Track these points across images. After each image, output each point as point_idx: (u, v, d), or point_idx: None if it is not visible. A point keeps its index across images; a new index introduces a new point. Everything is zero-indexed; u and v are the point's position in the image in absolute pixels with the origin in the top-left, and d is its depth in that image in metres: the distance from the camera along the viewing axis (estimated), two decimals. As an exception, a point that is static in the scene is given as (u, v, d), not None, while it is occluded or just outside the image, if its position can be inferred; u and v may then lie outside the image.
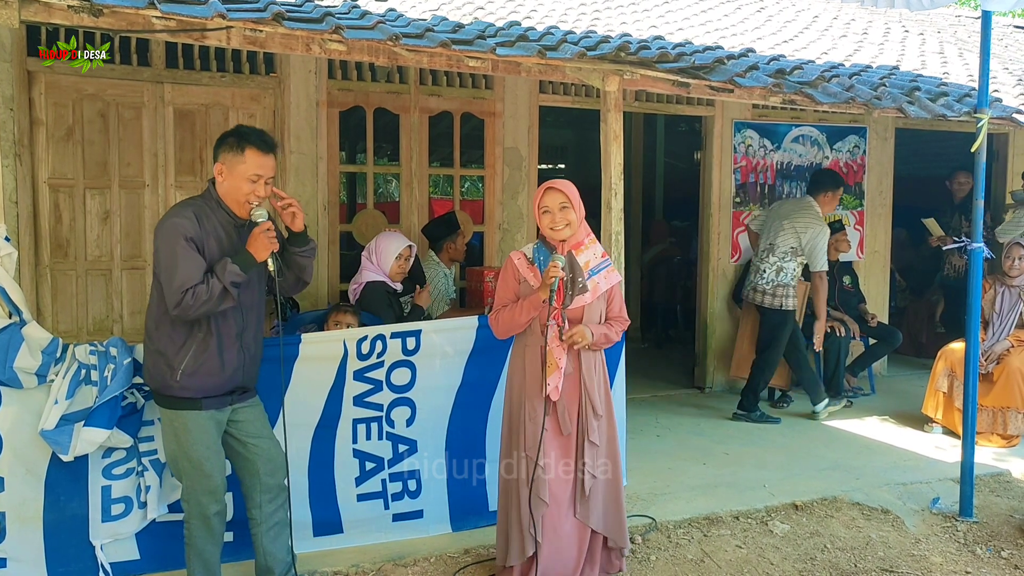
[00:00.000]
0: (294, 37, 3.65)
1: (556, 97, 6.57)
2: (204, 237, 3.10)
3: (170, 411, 3.21)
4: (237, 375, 3.25)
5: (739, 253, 7.36)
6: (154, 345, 3.20)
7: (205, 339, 3.14)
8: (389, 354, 4.10)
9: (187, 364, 3.12)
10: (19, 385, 3.38)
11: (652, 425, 6.23)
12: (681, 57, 3.98)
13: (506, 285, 3.64)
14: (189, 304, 3.01)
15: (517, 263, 3.62)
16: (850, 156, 7.70)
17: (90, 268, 5.43)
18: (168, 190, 5.55)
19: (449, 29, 3.83)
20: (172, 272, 3.02)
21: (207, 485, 3.24)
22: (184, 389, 3.14)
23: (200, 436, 3.20)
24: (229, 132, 3.23)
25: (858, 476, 5.17)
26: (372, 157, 6.32)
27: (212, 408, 3.21)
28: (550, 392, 3.53)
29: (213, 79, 5.58)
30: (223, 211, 3.20)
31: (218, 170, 3.18)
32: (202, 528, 3.27)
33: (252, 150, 3.15)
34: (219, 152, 3.19)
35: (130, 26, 3.49)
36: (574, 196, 3.54)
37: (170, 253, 3.03)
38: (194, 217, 3.10)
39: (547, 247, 3.58)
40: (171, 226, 3.06)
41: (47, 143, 5.22)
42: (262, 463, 3.37)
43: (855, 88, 4.31)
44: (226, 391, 3.24)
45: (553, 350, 3.53)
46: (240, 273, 3.09)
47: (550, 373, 3.53)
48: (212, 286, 3.03)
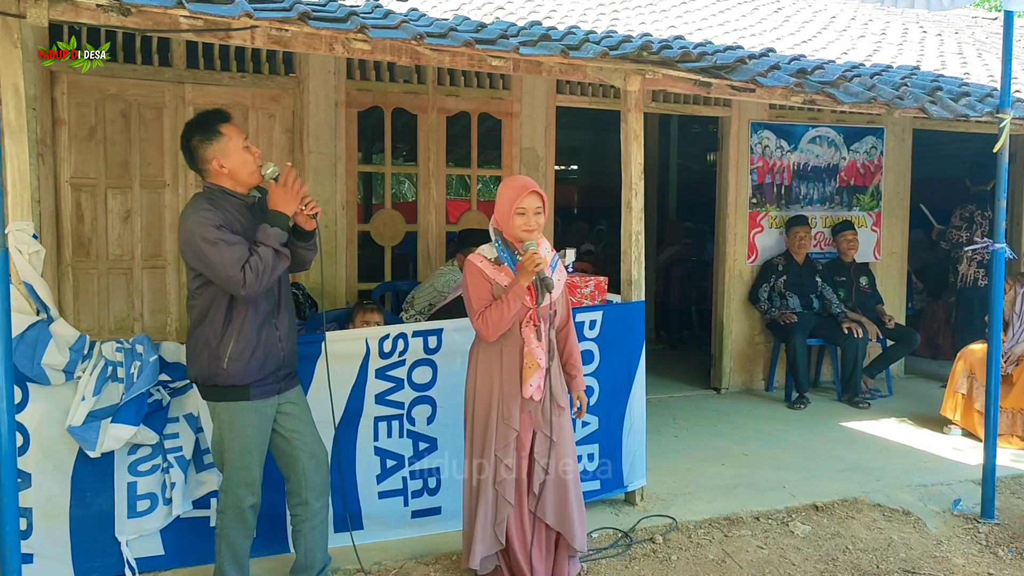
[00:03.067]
0: (318, 36, 3.68)
1: (573, 97, 6.59)
2: (229, 222, 3.14)
3: (218, 403, 3.24)
4: (276, 353, 3.28)
5: (756, 254, 7.35)
6: (198, 339, 3.22)
7: (243, 323, 3.18)
8: (411, 353, 4.11)
9: (232, 350, 3.16)
10: (47, 382, 3.40)
11: (669, 426, 6.23)
12: (703, 57, 3.99)
13: (479, 288, 3.53)
14: (252, 279, 3.04)
15: (481, 266, 3.54)
16: (867, 157, 7.69)
17: (111, 267, 5.47)
18: (188, 189, 5.58)
19: (471, 28, 3.84)
20: (219, 259, 3.04)
21: (246, 477, 3.27)
22: (232, 376, 3.17)
23: (245, 427, 3.23)
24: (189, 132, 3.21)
25: (878, 477, 5.16)
26: (390, 157, 6.35)
27: (259, 398, 3.24)
28: (532, 393, 3.50)
29: (233, 79, 5.62)
30: (231, 197, 3.23)
31: (216, 165, 3.18)
32: (236, 520, 3.30)
33: (224, 125, 3.19)
34: (201, 154, 3.18)
35: (156, 26, 3.51)
36: (546, 201, 3.55)
37: (208, 244, 3.05)
38: (211, 206, 3.14)
39: (508, 247, 3.54)
40: (196, 222, 3.08)
41: (69, 143, 5.27)
42: (306, 458, 3.40)
43: (877, 88, 4.31)
44: (271, 370, 3.26)
45: (534, 350, 3.50)
46: (282, 232, 3.13)
47: (530, 374, 3.49)
48: (263, 254, 3.07)
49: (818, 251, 7.51)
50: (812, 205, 7.51)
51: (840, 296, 7.22)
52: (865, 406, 6.81)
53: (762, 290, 7.18)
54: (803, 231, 7.15)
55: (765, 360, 7.48)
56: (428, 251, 6.30)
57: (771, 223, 7.37)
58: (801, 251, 7.16)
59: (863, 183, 7.70)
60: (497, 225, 3.55)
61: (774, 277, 7.17)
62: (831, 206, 7.59)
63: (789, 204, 7.42)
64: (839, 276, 7.33)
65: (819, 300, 7.18)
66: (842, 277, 7.34)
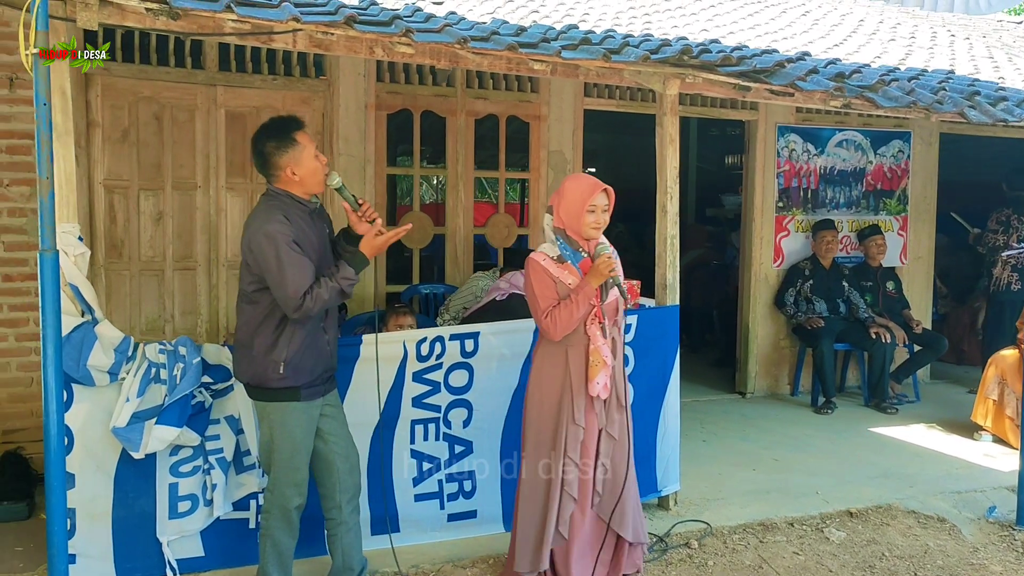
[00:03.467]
0: (359, 40, 3.68)
1: (601, 101, 6.59)
2: (301, 236, 3.17)
3: (269, 403, 3.26)
4: (324, 356, 3.34)
5: (782, 258, 7.34)
6: (252, 343, 3.24)
7: (295, 332, 3.21)
8: (448, 356, 4.12)
9: (287, 356, 3.20)
10: (91, 383, 3.43)
11: (697, 430, 6.21)
12: (743, 61, 3.98)
13: (544, 287, 3.54)
14: (309, 307, 3.10)
15: (545, 264, 3.55)
16: (894, 161, 7.66)
17: (143, 268, 5.50)
18: (219, 191, 5.61)
19: (512, 32, 3.85)
20: (284, 279, 3.08)
21: (294, 478, 3.30)
22: (285, 379, 3.21)
23: (295, 429, 3.26)
24: (263, 137, 3.25)
25: (911, 484, 5.14)
26: (419, 160, 6.36)
27: (308, 399, 3.28)
28: (599, 391, 3.52)
29: (265, 82, 5.64)
30: (297, 203, 3.26)
31: (290, 172, 3.22)
32: (282, 520, 3.32)
33: (299, 134, 3.24)
34: (275, 160, 3.21)
35: (200, 29, 3.54)
36: (613, 198, 3.57)
37: (278, 261, 3.08)
38: (285, 219, 3.15)
39: (570, 244, 3.55)
40: (271, 233, 3.10)
41: (103, 144, 5.30)
42: (341, 461, 3.42)
43: (916, 92, 4.30)
44: (320, 372, 3.32)
45: (600, 348, 3.52)
46: (355, 277, 3.21)
47: (597, 372, 3.51)
48: (329, 289, 3.14)
49: (844, 255, 7.48)
50: (838, 209, 7.49)
51: (867, 301, 7.19)
52: (893, 411, 6.78)
53: (788, 294, 7.16)
54: (830, 235, 7.13)
55: (790, 364, 7.46)
56: (456, 254, 6.31)
57: (797, 227, 7.35)
58: (828, 255, 7.14)
59: (890, 187, 7.67)
60: (559, 223, 3.55)
61: (800, 281, 7.14)
62: (857, 210, 7.57)
63: (815, 208, 7.40)
64: (865, 280, 7.30)
65: (846, 304, 7.16)
66: (868, 281, 7.31)
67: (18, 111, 5.03)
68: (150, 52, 5.35)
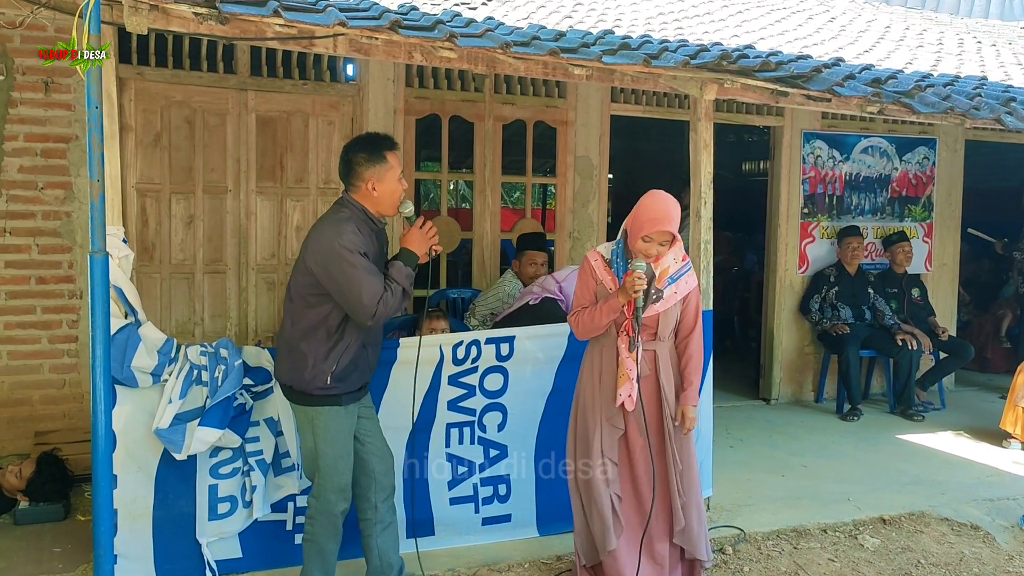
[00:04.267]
0: (399, 45, 3.70)
1: (627, 106, 6.61)
2: (369, 248, 3.22)
3: (311, 408, 3.28)
4: (366, 372, 3.40)
5: (807, 264, 7.33)
6: (302, 351, 3.25)
7: (350, 344, 3.24)
8: (483, 360, 4.13)
9: (338, 368, 3.23)
10: (135, 384, 3.45)
11: (723, 436, 6.19)
12: (780, 66, 3.99)
13: (584, 286, 3.63)
14: (382, 313, 3.14)
15: (594, 264, 3.61)
16: (919, 168, 7.65)
17: (174, 271, 5.54)
18: (249, 195, 5.65)
19: (551, 37, 3.87)
20: (359, 288, 3.11)
21: (338, 483, 3.32)
22: (333, 388, 3.24)
23: (337, 433, 3.29)
24: (356, 147, 3.31)
25: (943, 491, 5.12)
26: (447, 164, 6.39)
27: (348, 403, 3.31)
28: (624, 403, 3.53)
29: (295, 87, 5.68)
30: (368, 219, 3.31)
31: (370, 187, 3.26)
32: (327, 525, 3.34)
33: (390, 153, 3.29)
34: (361, 171, 3.26)
35: (243, 34, 3.56)
36: (677, 229, 3.49)
37: (351, 269, 3.12)
38: (357, 231, 3.20)
39: (627, 252, 3.56)
40: (345, 243, 3.14)
41: (136, 148, 5.34)
42: (376, 462, 3.45)
43: (952, 98, 4.29)
44: (359, 386, 3.37)
45: (624, 361, 3.52)
46: (412, 273, 3.26)
47: (621, 384, 3.53)
48: (395, 291, 3.18)
49: (869, 262, 7.46)
50: (863, 215, 7.48)
51: (892, 307, 7.17)
52: (919, 419, 6.76)
53: (813, 301, 7.15)
54: (855, 241, 7.12)
55: (815, 371, 7.45)
56: (483, 258, 6.33)
57: (822, 233, 7.34)
58: (853, 262, 7.13)
59: (915, 194, 7.66)
60: (628, 227, 3.54)
61: (825, 288, 7.14)
62: (882, 217, 7.56)
63: (841, 214, 7.39)
64: (891, 287, 7.29)
65: (871, 311, 7.14)
66: (894, 288, 7.30)
67: (53, 115, 5.09)
68: (183, 57, 5.39)
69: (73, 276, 5.17)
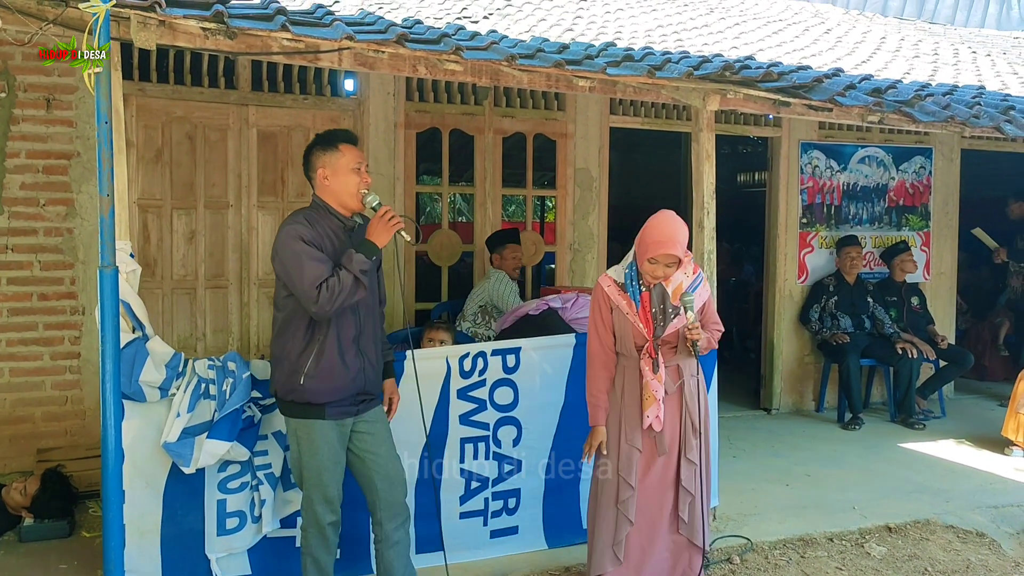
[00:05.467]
0: (403, 58, 3.74)
1: (627, 118, 6.65)
2: (319, 239, 3.20)
3: (295, 420, 3.28)
4: (359, 379, 3.30)
5: (806, 274, 7.36)
6: (279, 351, 3.28)
7: (324, 342, 3.22)
8: (490, 372, 4.14)
9: (310, 367, 3.20)
10: (143, 399, 3.45)
11: (726, 446, 6.20)
12: (783, 76, 4.03)
13: (598, 314, 3.60)
14: (325, 298, 3.09)
15: (607, 289, 3.58)
16: (916, 177, 7.71)
17: (176, 287, 5.54)
18: (251, 210, 5.66)
19: (555, 50, 3.90)
20: (300, 272, 3.11)
21: (324, 495, 3.29)
22: (308, 392, 3.20)
23: (321, 446, 3.25)
24: (314, 143, 3.34)
25: (947, 499, 5.14)
26: (447, 178, 6.41)
27: (335, 418, 3.26)
28: (652, 423, 3.53)
29: (296, 101, 5.70)
30: (332, 216, 3.29)
31: (321, 176, 3.27)
32: (318, 537, 3.33)
33: (344, 144, 3.30)
34: (314, 160, 3.30)
35: (249, 48, 3.58)
36: (683, 251, 3.46)
37: (293, 256, 3.13)
38: (306, 222, 3.21)
39: (640, 276, 3.54)
40: (287, 232, 3.17)
41: (137, 164, 5.34)
42: (379, 479, 3.40)
43: (952, 107, 4.34)
44: (349, 395, 3.29)
45: (650, 383, 3.51)
46: (366, 260, 3.17)
47: (648, 406, 3.53)
48: (343, 277, 3.12)
49: (868, 271, 7.50)
50: (861, 225, 7.53)
51: (892, 316, 7.21)
52: (920, 427, 6.78)
53: (813, 310, 7.18)
54: (855, 251, 7.16)
55: (815, 380, 7.47)
56: (484, 271, 6.33)
57: (821, 243, 7.39)
58: (852, 271, 7.17)
59: (912, 203, 7.72)
60: (636, 247, 3.54)
61: (825, 297, 7.17)
62: (880, 226, 7.61)
63: (839, 224, 7.44)
64: (890, 296, 7.33)
65: (871, 320, 7.17)
66: (893, 297, 7.33)
67: (55, 131, 5.10)
68: (184, 72, 5.42)
69: (75, 292, 5.16)
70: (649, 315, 3.51)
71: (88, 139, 5.09)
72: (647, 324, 3.49)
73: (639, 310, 3.51)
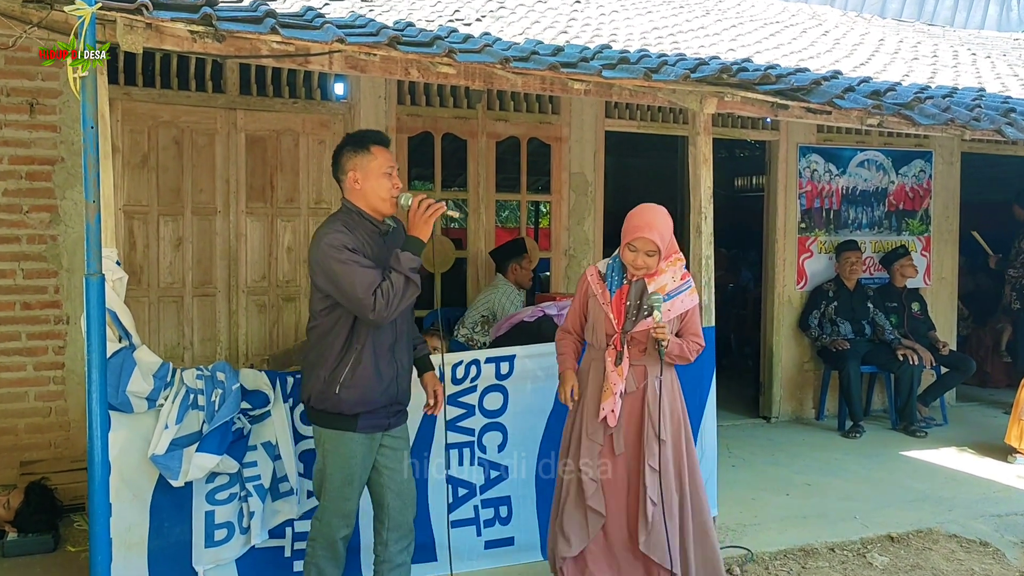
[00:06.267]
0: (395, 61, 3.74)
1: (622, 122, 6.68)
2: (360, 246, 3.18)
3: (325, 429, 3.27)
4: (391, 388, 3.30)
5: (805, 280, 7.39)
6: (315, 359, 3.26)
7: (361, 351, 3.21)
8: (483, 378, 4.16)
9: (346, 376, 3.19)
10: (130, 409, 3.44)
11: (724, 455, 6.18)
12: (780, 79, 4.05)
13: (578, 303, 3.74)
14: (382, 304, 3.06)
15: (590, 278, 3.70)
16: (915, 181, 7.75)
17: (162, 295, 5.53)
18: (239, 216, 5.66)
19: (549, 52, 3.92)
20: (352, 282, 3.07)
21: (343, 508, 3.29)
22: (342, 403, 3.20)
23: (349, 459, 3.25)
24: (343, 143, 3.32)
25: (950, 508, 5.16)
26: (440, 183, 6.42)
27: (366, 430, 3.26)
28: (606, 416, 3.57)
29: (285, 105, 5.71)
30: (365, 221, 3.27)
31: (352, 179, 3.24)
32: (327, 549, 3.32)
33: (376, 147, 3.27)
34: (344, 162, 3.27)
35: (237, 51, 3.58)
36: (664, 241, 3.52)
37: (342, 266, 3.09)
38: (345, 229, 3.18)
39: (623, 269, 3.61)
40: (329, 243, 3.12)
41: (123, 170, 5.33)
42: (391, 496, 3.39)
43: (952, 109, 4.37)
44: (383, 405, 3.29)
45: (609, 375, 3.57)
46: (414, 258, 3.15)
47: (605, 398, 3.58)
48: (394, 280, 3.10)
49: (868, 276, 7.54)
50: (861, 230, 7.57)
51: (892, 322, 7.24)
52: (922, 435, 6.80)
53: (812, 316, 7.21)
54: (854, 256, 7.19)
55: (815, 388, 7.49)
56: (478, 277, 6.36)
57: (820, 248, 7.42)
58: (852, 276, 7.20)
59: (912, 207, 7.76)
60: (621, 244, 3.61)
61: (824, 303, 7.20)
62: (880, 231, 7.64)
63: (838, 229, 7.48)
64: (890, 302, 7.36)
65: (871, 326, 7.20)
66: (893, 303, 7.37)
67: (38, 137, 5.10)
68: (170, 76, 5.42)
69: (59, 301, 5.15)
70: (623, 307, 3.58)
71: (72, 144, 5.09)
72: (618, 315, 3.56)
73: (612, 300, 3.57)
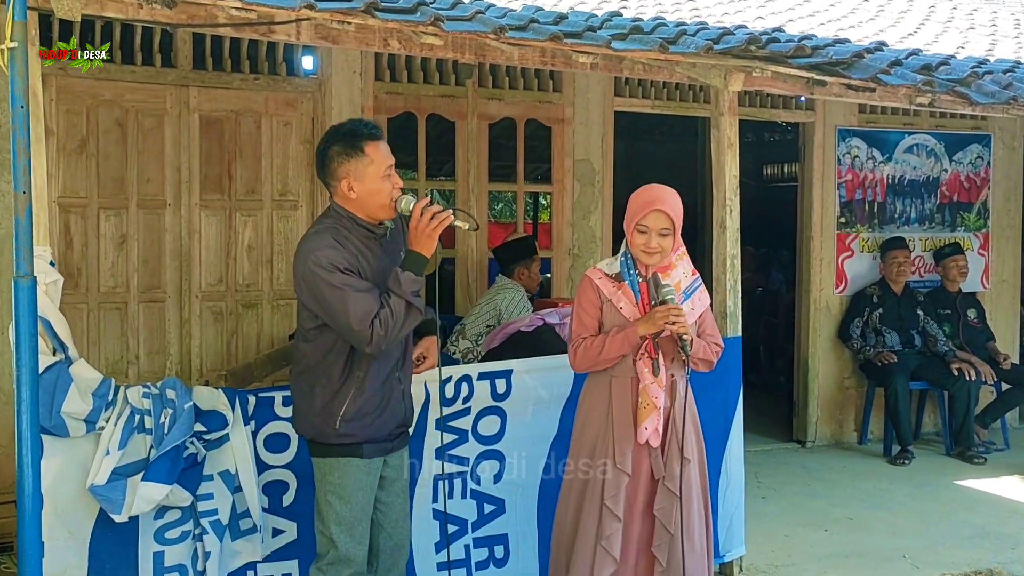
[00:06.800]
0: (372, 30, 3.76)
1: (634, 101, 6.70)
2: (354, 261, 3.13)
3: (325, 460, 3.24)
4: (398, 411, 3.32)
5: (845, 283, 7.41)
6: (307, 388, 3.25)
7: (365, 378, 3.19)
8: (476, 399, 4.15)
9: (346, 410, 3.17)
10: (65, 433, 3.43)
11: (753, 485, 6.21)
12: (816, 51, 4.07)
13: (586, 311, 3.62)
14: (380, 335, 3.04)
15: (599, 283, 3.61)
16: (972, 169, 7.77)
17: (103, 301, 5.52)
18: (192, 210, 5.65)
19: (551, 20, 3.92)
20: (345, 311, 3.04)
21: (352, 554, 3.25)
22: (343, 436, 3.19)
23: (355, 492, 3.23)
24: (329, 141, 3.25)
25: (1012, 545, 5.18)
26: (424, 171, 6.42)
27: (371, 455, 3.25)
28: (648, 437, 3.53)
29: (245, 81, 5.71)
30: (359, 227, 3.23)
31: (346, 187, 3.18)
32: None
33: (370, 145, 3.19)
34: (335, 168, 3.20)
35: (190, 19, 3.60)
36: (678, 218, 3.54)
37: (333, 291, 3.05)
38: (336, 243, 3.13)
39: (636, 263, 3.59)
40: (317, 261, 3.07)
41: (58, 156, 5.31)
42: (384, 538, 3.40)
43: (1014, 86, 4.39)
44: (388, 431, 3.30)
45: (648, 387, 3.52)
46: (416, 279, 3.12)
47: (646, 416, 3.52)
48: (394, 305, 3.07)
49: (917, 279, 7.56)
50: (909, 225, 7.59)
51: (945, 332, 7.26)
52: (980, 461, 6.83)
53: (854, 325, 7.23)
54: (902, 255, 7.21)
55: (857, 407, 7.51)
56: (468, 279, 6.37)
57: (862, 246, 7.44)
58: (899, 279, 7.22)
59: (968, 199, 7.78)
60: (625, 230, 3.59)
61: (868, 310, 7.22)
62: (931, 226, 7.67)
63: (883, 224, 7.50)
64: (943, 308, 7.39)
65: (921, 336, 7.23)
66: (946, 310, 7.40)
67: (-38, 119, 5.08)
68: (113, 48, 5.40)
69: (-16, 308, 5.14)
70: (648, 308, 3.53)
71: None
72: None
73: (639, 302, 3.52)
